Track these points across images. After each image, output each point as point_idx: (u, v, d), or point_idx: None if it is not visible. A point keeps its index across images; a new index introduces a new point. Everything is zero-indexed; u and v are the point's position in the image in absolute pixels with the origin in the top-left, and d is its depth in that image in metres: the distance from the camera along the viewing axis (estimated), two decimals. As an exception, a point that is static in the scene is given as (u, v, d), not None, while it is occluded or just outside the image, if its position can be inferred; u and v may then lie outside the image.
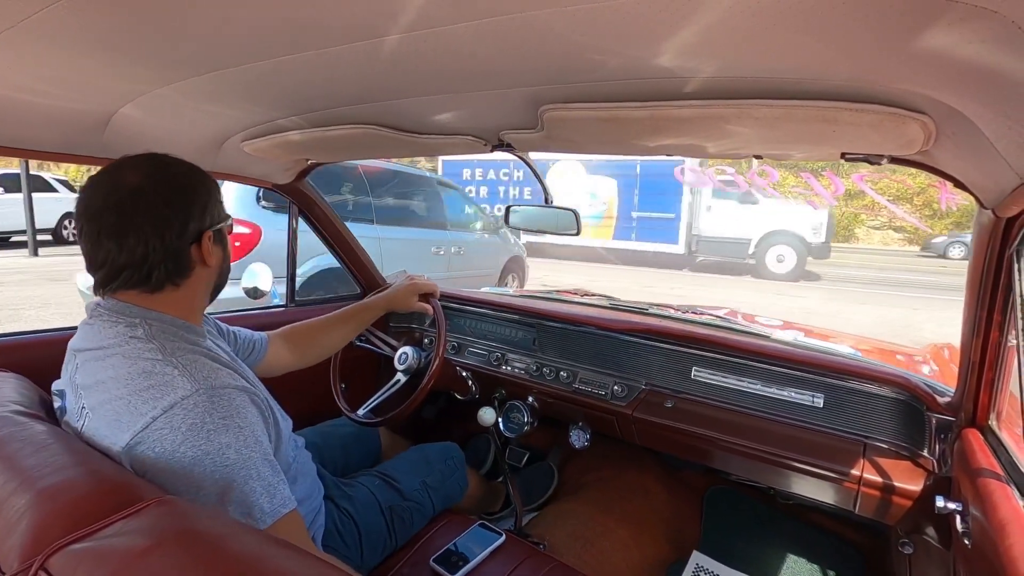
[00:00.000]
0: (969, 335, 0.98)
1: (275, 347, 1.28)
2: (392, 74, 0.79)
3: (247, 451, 0.76)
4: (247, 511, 0.74)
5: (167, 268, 0.80)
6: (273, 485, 0.78)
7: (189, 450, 0.71)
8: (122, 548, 0.52)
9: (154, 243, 0.78)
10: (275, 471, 0.80)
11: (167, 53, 0.73)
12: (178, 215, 0.80)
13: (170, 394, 0.73)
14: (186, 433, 0.72)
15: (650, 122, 0.82)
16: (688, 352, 1.49)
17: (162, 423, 0.72)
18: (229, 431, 0.75)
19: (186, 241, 0.81)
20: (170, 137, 1.16)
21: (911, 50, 0.53)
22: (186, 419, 0.72)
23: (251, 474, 0.75)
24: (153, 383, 0.74)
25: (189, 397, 0.74)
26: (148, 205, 0.78)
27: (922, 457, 1.18)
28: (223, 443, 0.73)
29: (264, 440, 0.80)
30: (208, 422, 0.73)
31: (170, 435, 0.72)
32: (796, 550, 1.69)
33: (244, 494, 0.74)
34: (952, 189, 1.03)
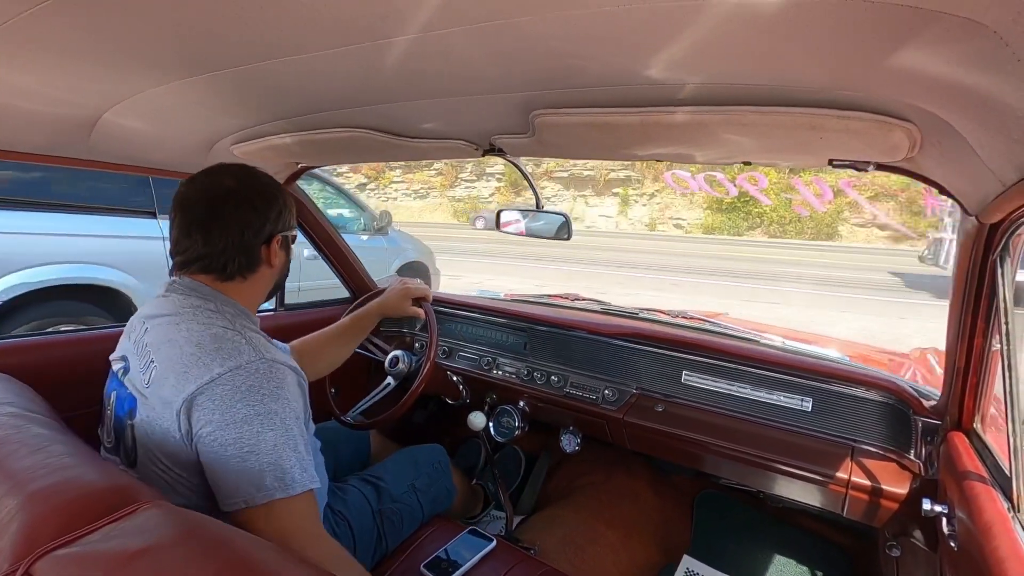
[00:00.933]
0: (954, 339, 1.00)
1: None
2: (383, 78, 0.79)
3: (290, 422, 0.83)
4: (281, 475, 0.80)
5: (239, 262, 0.93)
6: (305, 460, 0.84)
7: (243, 408, 0.79)
8: (110, 552, 0.51)
9: (234, 239, 0.91)
10: (308, 450, 0.86)
11: (154, 56, 0.72)
12: (258, 218, 0.93)
13: (236, 357, 0.82)
14: (245, 392, 0.80)
15: (640, 128, 0.82)
16: (678, 356, 1.49)
17: (227, 379, 0.80)
18: (279, 400, 0.83)
19: (259, 241, 0.94)
20: (158, 140, 1.15)
21: (897, 61, 0.54)
22: (247, 380, 0.81)
23: (290, 444, 0.82)
24: (221, 346, 0.83)
25: (253, 363, 0.83)
26: (235, 206, 0.91)
27: (909, 460, 1.19)
28: (272, 409, 0.81)
29: (302, 420, 0.87)
30: (264, 387, 0.82)
31: (231, 392, 0.80)
32: (785, 553, 1.70)
33: (281, 459, 0.80)
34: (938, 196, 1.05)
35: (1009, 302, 0.81)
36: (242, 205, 0.92)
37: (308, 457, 0.85)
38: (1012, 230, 0.77)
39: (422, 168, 23.52)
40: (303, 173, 1.64)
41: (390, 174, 24.47)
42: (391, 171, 24.28)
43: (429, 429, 2.19)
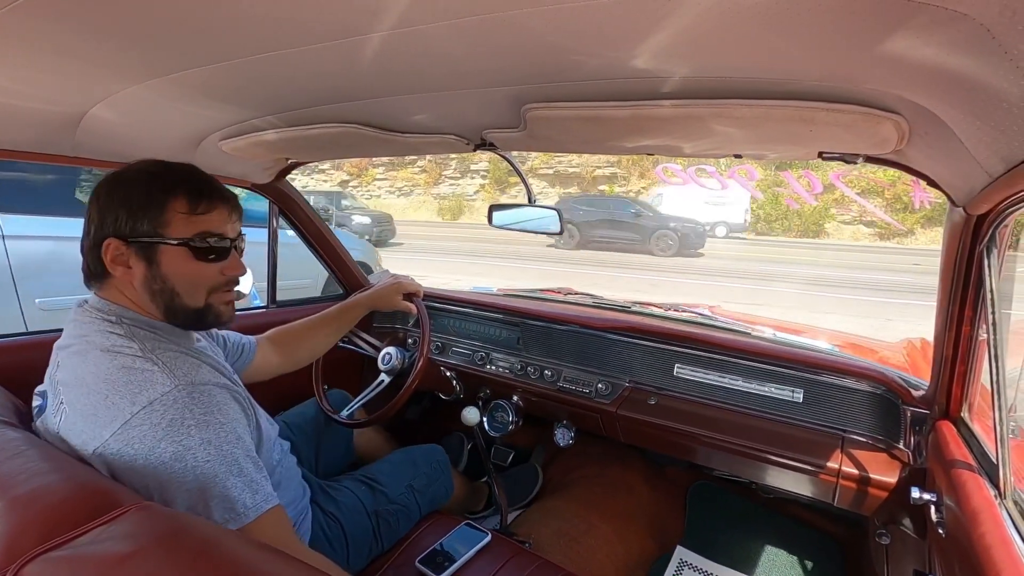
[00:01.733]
0: (942, 330, 1.01)
1: (263, 350, 1.27)
2: (373, 73, 0.78)
3: (228, 447, 0.75)
4: (230, 506, 0.73)
5: (87, 265, 0.83)
6: (256, 481, 0.77)
7: (169, 446, 0.71)
8: (100, 555, 0.51)
9: (84, 239, 0.83)
10: (258, 468, 0.80)
11: (140, 52, 0.71)
12: (91, 216, 0.82)
13: (149, 390, 0.73)
14: (166, 429, 0.71)
15: (632, 121, 0.82)
16: (670, 349, 1.50)
17: (141, 419, 0.71)
18: (210, 427, 0.74)
19: (93, 243, 0.81)
20: (144, 136, 1.13)
21: (884, 52, 0.54)
22: (165, 415, 0.72)
23: (232, 470, 0.75)
24: (132, 379, 0.74)
25: (169, 393, 0.73)
26: (90, 205, 0.82)
27: (898, 449, 1.20)
28: (204, 439, 0.73)
29: (246, 437, 0.80)
30: (188, 418, 0.73)
31: (150, 432, 0.71)
32: (777, 543, 1.72)
33: (226, 489, 0.73)
34: (925, 187, 1.06)
35: (996, 292, 0.82)
36: (92, 203, 0.82)
37: (259, 475, 0.78)
38: (999, 221, 0.78)
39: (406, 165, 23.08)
40: (293, 169, 1.63)
41: (373, 171, 23.86)
42: (374, 168, 23.68)
43: (423, 425, 2.19)
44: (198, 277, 0.84)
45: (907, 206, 15.70)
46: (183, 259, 0.82)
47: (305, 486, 1.11)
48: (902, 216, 15.99)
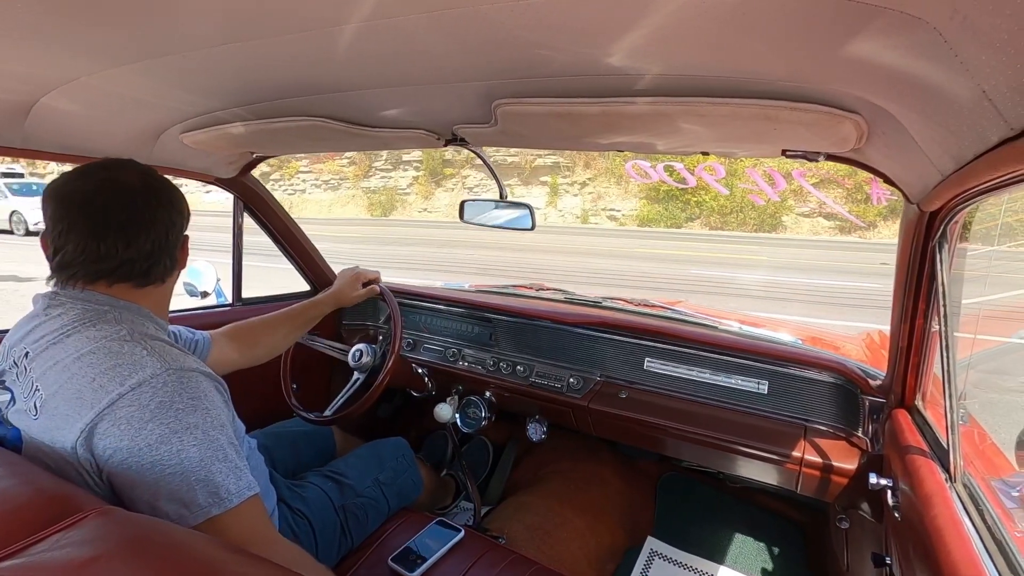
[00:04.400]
0: (897, 322, 1.05)
1: (219, 346, 1.23)
2: (342, 65, 0.77)
3: (214, 432, 0.76)
4: (213, 490, 0.73)
5: (165, 265, 0.86)
6: (239, 468, 0.78)
7: (157, 428, 0.71)
8: (59, 562, 0.49)
9: (161, 241, 0.84)
10: (240, 456, 0.80)
11: (96, 38, 0.68)
12: (178, 216, 0.87)
13: (138, 372, 0.73)
14: (154, 411, 0.71)
15: (602, 118, 0.83)
16: (641, 343, 1.52)
17: (129, 400, 0.71)
18: (197, 412, 0.75)
19: (179, 241, 0.88)
20: (101, 128, 1.09)
21: (844, 53, 0.56)
22: (155, 397, 0.72)
23: (218, 455, 0.75)
24: (120, 362, 0.74)
25: (159, 375, 0.74)
26: (157, 205, 0.84)
27: (857, 437, 1.25)
28: (191, 423, 0.73)
29: (228, 426, 0.81)
30: (177, 401, 0.73)
31: (137, 412, 0.71)
32: (743, 530, 1.76)
33: (211, 474, 0.73)
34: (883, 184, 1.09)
35: (947, 285, 0.86)
36: (165, 204, 0.85)
37: (241, 463, 0.79)
38: (949, 218, 0.81)
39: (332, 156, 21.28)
40: (258, 163, 1.59)
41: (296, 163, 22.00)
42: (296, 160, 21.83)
43: (395, 423, 2.18)
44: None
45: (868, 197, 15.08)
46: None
47: (271, 487, 1.09)
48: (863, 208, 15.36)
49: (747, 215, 16.28)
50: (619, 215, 18.11)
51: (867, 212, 15.20)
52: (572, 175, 19.02)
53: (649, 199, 17.64)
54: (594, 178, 18.69)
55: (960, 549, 0.68)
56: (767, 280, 9.37)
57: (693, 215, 17.01)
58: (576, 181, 18.91)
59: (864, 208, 15.24)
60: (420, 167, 20.51)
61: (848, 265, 10.77)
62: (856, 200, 15.48)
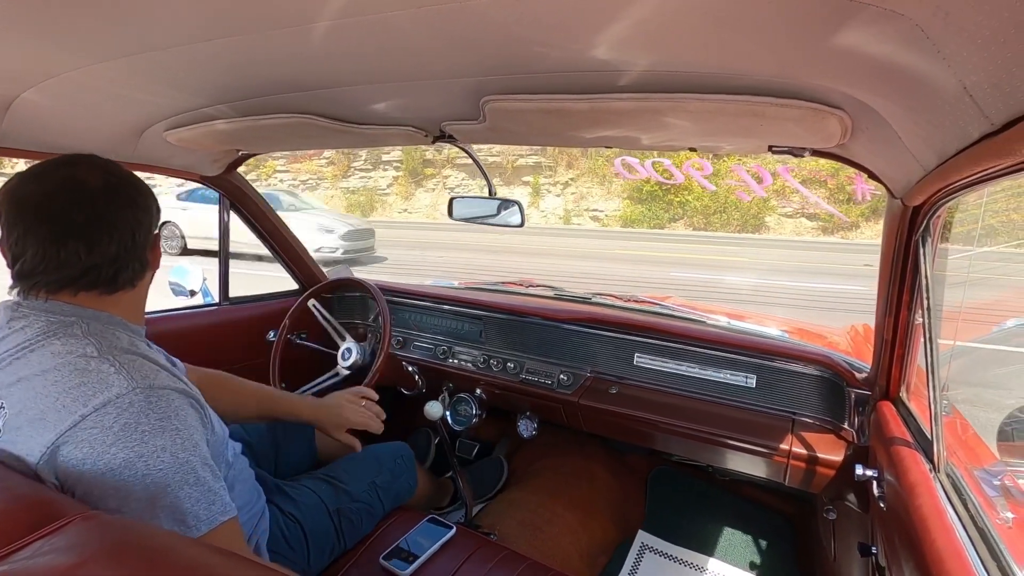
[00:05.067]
0: (882, 315, 1.06)
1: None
2: (328, 61, 0.76)
3: (184, 455, 0.72)
4: (180, 518, 0.70)
5: (133, 269, 0.80)
6: (213, 491, 0.74)
7: (120, 451, 0.67)
8: (42, 569, 0.48)
9: (127, 243, 0.78)
10: (215, 476, 0.76)
11: (78, 33, 0.67)
12: (144, 215, 0.81)
13: (103, 392, 0.69)
14: (118, 433, 0.67)
15: (590, 114, 0.83)
16: (630, 339, 1.53)
17: (92, 421, 0.67)
18: (166, 433, 0.70)
19: (149, 242, 0.82)
20: (83, 125, 1.07)
21: (828, 49, 0.56)
22: (119, 418, 0.68)
23: (187, 479, 0.71)
24: (85, 380, 0.70)
25: (124, 395, 0.70)
26: (121, 205, 0.78)
27: (843, 429, 1.27)
28: (158, 446, 0.69)
29: (203, 445, 0.76)
30: (143, 423, 0.69)
31: (100, 435, 0.67)
32: (733, 523, 1.78)
33: (178, 500, 0.70)
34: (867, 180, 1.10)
35: (930, 279, 0.88)
36: (128, 202, 0.78)
37: (216, 484, 0.75)
38: (932, 212, 0.83)
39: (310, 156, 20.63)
40: (244, 161, 1.57)
41: (272, 162, 20.98)
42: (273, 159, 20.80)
43: (391, 422, 2.17)
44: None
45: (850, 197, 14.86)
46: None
47: (259, 488, 1.07)
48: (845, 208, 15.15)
49: (731, 215, 16.08)
50: (602, 216, 17.67)
51: (850, 212, 15.03)
52: (554, 175, 18.45)
53: (632, 199, 17.24)
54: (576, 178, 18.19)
55: (944, 538, 0.69)
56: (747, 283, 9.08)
57: (676, 216, 16.69)
58: (558, 181, 18.37)
59: (847, 208, 15.06)
60: (400, 167, 19.85)
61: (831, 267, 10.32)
62: (838, 200, 15.28)
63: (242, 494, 0.98)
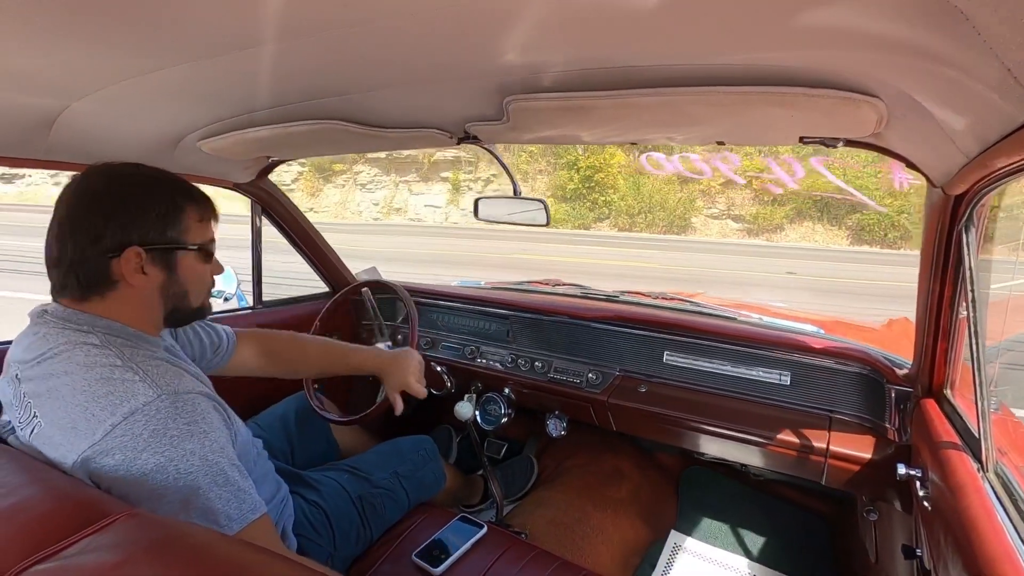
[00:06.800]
0: (923, 309, 1.03)
1: (242, 351, 1.23)
2: (353, 67, 0.77)
3: (213, 457, 0.74)
4: (212, 518, 0.72)
5: (79, 277, 0.79)
6: (242, 490, 0.77)
7: (152, 457, 0.69)
8: (91, 566, 0.50)
9: (77, 249, 0.78)
10: (243, 476, 0.79)
11: (120, 48, 0.69)
12: (105, 224, 0.78)
13: (130, 400, 0.72)
14: (148, 439, 0.70)
15: (615, 111, 0.82)
16: (659, 337, 1.51)
17: (123, 430, 0.70)
18: (194, 437, 0.73)
19: (100, 251, 0.78)
20: (122, 137, 1.11)
21: (862, 35, 0.55)
22: (148, 425, 0.71)
23: (217, 480, 0.74)
24: (112, 389, 0.72)
25: (151, 403, 0.72)
26: (87, 209, 0.78)
27: (883, 427, 1.23)
28: (187, 449, 0.72)
29: (229, 446, 0.79)
30: (172, 428, 0.72)
31: (131, 442, 0.69)
32: (768, 523, 1.75)
33: (209, 501, 0.72)
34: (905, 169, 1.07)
35: (975, 270, 0.84)
36: (93, 209, 0.78)
37: (245, 483, 0.78)
38: (976, 200, 0.79)
39: None
40: (274, 167, 1.61)
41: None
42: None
43: (414, 421, 2.19)
44: (204, 278, 0.91)
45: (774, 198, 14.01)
46: (196, 263, 0.88)
47: (279, 480, 1.09)
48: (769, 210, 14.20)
49: (656, 216, 15.24)
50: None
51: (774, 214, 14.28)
52: (476, 171, 17.11)
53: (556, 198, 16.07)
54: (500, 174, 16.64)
55: (994, 540, 0.67)
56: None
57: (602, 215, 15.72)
58: (480, 177, 17.04)
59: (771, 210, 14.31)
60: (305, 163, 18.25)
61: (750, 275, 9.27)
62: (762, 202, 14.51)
63: (265, 487, 1.01)
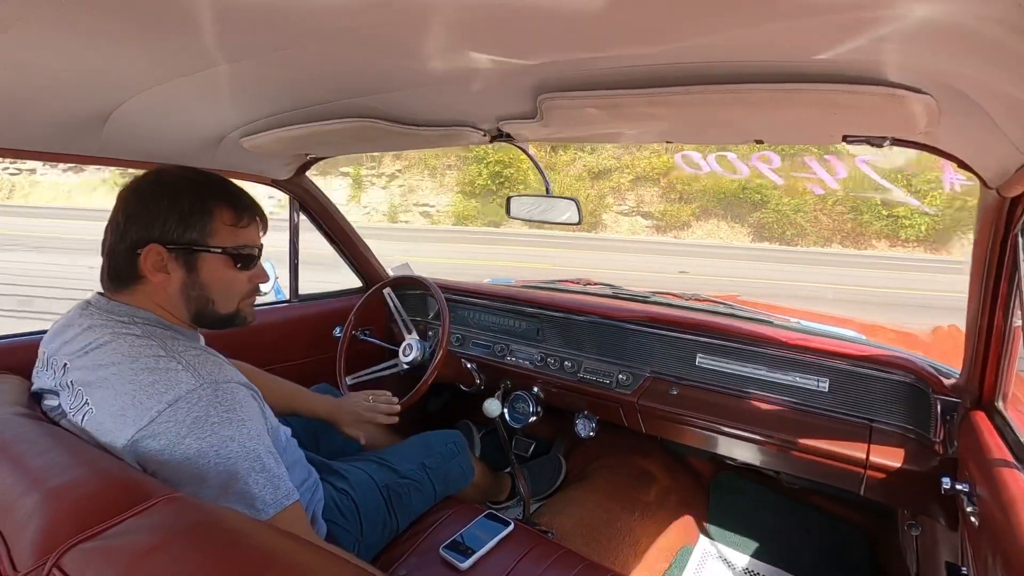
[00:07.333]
0: (974, 316, 0.98)
1: None
2: (387, 65, 0.78)
3: (250, 443, 0.77)
4: (249, 502, 0.75)
5: (110, 268, 0.86)
6: (278, 476, 0.80)
7: (194, 442, 0.73)
8: (132, 545, 0.52)
9: (111, 243, 0.85)
10: (279, 463, 0.82)
11: (170, 48, 0.71)
12: (133, 221, 0.83)
13: (174, 388, 0.76)
14: (191, 426, 0.74)
15: (650, 109, 0.81)
16: (692, 339, 1.49)
17: (167, 416, 0.74)
18: (233, 424, 0.77)
19: (125, 247, 0.83)
20: (169, 134, 1.15)
21: (913, 28, 0.52)
22: (191, 412, 0.74)
23: (254, 466, 0.77)
24: (157, 378, 0.76)
25: (194, 391, 0.76)
26: (122, 207, 0.85)
27: (928, 439, 1.18)
28: (226, 436, 0.75)
29: (265, 434, 0.82)
30: (212, 415, 0.75)
31: (175, 428, 0.73)
32: (802, 533, 1.70)
33: (247, 485, 0.75)
34: (957, 170, 1.02)
35: None
36: (129, 206, 0.84)
37: (280, 469, 0.81)
38: None
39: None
40: (312, 165, 1.64)
41: None
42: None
43: (444, 417, 2.21)
44: (233, 285, 0.90)
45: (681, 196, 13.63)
46: (222, 268, 0.88)
47: (309, 466, 1.12)
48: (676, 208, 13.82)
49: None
50: (433, 211, 15.77)
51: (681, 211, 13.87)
52: (379, 166, 16.32)
53: (465, 194, 15.42)
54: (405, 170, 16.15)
55: None
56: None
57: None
58: (384, 173, 16.26)
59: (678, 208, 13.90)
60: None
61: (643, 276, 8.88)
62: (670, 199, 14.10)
63: (296, 473, 1.04)
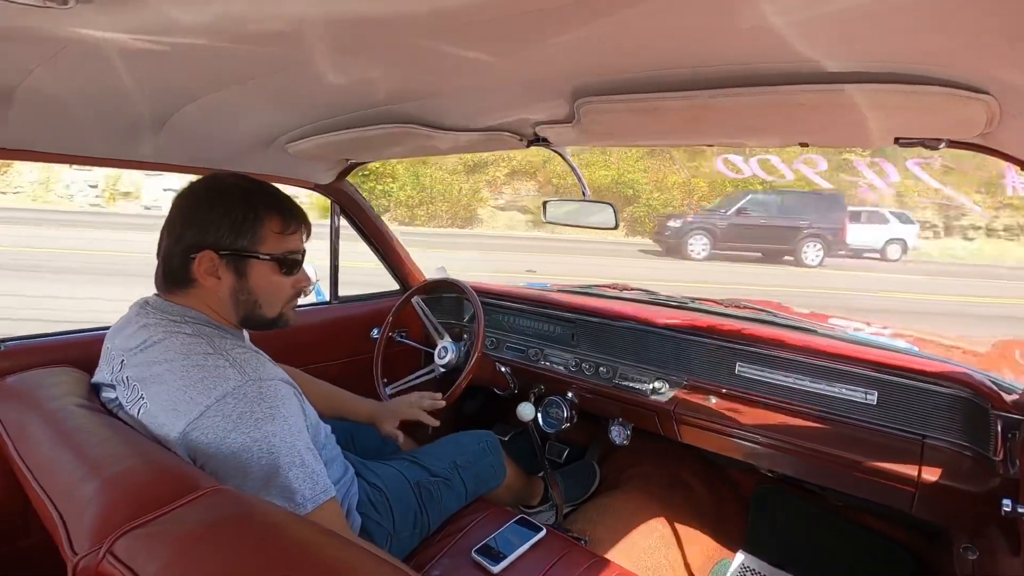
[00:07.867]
0: None
1: None
2: (429, 73, 0.80)
3: (292, 439, 0.81)
4: (289, 496, 0.78)
5: (163, 271, 0.91)
6: (316, 472, 0.83)
7: (239, 437, 0.77)
8: (181, 533, 0.55)
9: (167, 246, 0.89)
10: (317, 460, 0.85)
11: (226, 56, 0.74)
12: (188, 226, 0.88)
13: (222, 384, 0.80)
14: (236, 421, 0.77)
15: (690, 112, 0.80)
16: (731, 347, 1.45)
17: (215, 411, 0.77)
18: (276, 420, 0.80)
19: (179, 250, 0.88)
20: (221, 140, 1.20)
21: (972, 25, 0.50)
22: (236, 407, 0.78)
23: (295, 461, 0.80)
24: (206, 375, 0.80)
25: (240, 387, 0.80)
26: (178, 212, 0.89)
27: (986, 458, 1.11)
28: (269, 431, 0.79)
29: (305, 431, 0.86)
30: (256, 411, 0.79)
31: (222, 423, 0.77)
32: (846, 551, 1.63)
33: (288, 480, 0.78)
34: (1020, 172, 0.96)
35: None
36: (184, 211, 0.89)
37: (318, 466, 0.84)
38: None
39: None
40: (352, 170, 1.69)
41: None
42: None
43: (479, 420, 2.22)
44: (279, 290, 0.95)
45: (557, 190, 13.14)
46: (269, 274, 0.92)
47: (347, 464, 1.15)
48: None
49: (438, 207, 14.52)
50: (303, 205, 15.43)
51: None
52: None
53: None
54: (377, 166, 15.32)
55: None
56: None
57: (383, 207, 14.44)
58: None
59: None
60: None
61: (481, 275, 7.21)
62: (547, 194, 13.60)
63: (334, 469, 1.07)
